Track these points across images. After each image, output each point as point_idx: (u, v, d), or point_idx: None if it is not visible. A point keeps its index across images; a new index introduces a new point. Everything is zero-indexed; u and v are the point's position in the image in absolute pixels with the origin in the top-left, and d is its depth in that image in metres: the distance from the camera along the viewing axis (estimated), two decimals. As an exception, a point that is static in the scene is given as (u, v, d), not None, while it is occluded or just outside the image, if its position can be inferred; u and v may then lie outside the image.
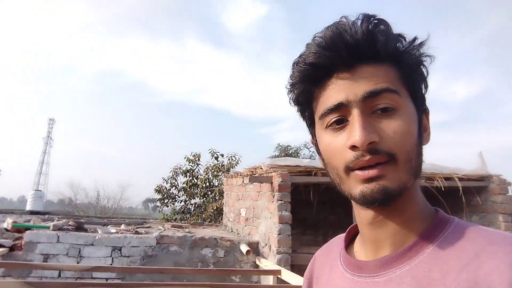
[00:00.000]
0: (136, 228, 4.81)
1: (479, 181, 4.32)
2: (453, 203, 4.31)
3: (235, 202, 5.29)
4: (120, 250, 3.85)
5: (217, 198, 10.20)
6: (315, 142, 0.65)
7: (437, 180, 4.10)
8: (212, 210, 9.58)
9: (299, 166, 3.90)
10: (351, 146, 0.54)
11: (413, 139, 0.55)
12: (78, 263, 3.71)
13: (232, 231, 5.28)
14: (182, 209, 10.64)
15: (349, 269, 0.62)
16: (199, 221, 9.12)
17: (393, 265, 0.56)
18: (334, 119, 0.57)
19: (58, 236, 3.75)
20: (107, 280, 3.73)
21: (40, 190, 17.15)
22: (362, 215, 0.60)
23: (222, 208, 9.51)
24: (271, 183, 3.92)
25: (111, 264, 3.80)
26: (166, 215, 10.65)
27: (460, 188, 4.12)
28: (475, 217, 4.45)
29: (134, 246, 3.89)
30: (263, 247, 4.07)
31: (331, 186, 3.77)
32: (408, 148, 0.54)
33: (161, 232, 4.15)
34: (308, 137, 0.69)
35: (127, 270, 3.37)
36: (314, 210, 4.81)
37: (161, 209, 10.96)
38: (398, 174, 0.54)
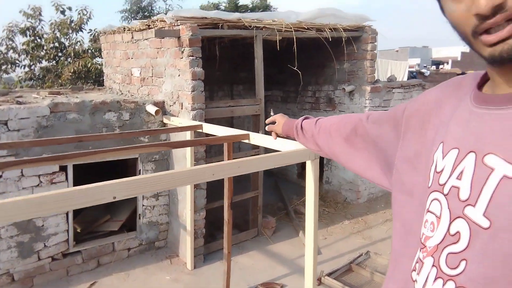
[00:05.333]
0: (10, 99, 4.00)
1: (355, 31, 4.89)
2: (335, 52, 4.87)
3: (123, 61, 4.78)
4: (6, 124, 3.25)
5: (72, 60, 8.93)
6: (441, 10, 0.63)
7: (326, 31, 4.48)
8: (70, 73, 8.45)
9: (205, 18, 3.65)
10: (475, 14, 0.53)
11: None
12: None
13: (122, 93, 4.91)
14: (29, 76, 9.04)
15: (475, 102, 0.63)
16: (65, 86, 8.05)
17: None
18: None
19: None
20: (-1, 159, 3.21)
21: None
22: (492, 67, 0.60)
23: (82, 71, 8.52)
24: (179, 37, 3.63)
25: (-4, 141, 3.23)
26: (8, 83, 8.94)
27: (344, 38, 4.63)
28: (347, 64, 5.18)
29: (23, 118, 3.32)
30: (171, 105, 3.99)
31: (236, 39, 3.80)
32: None
33: (53, 99, 3.58)
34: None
35: (23, 145, 2.94)
36: (217, 65, 4.79)
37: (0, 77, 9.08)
38: None
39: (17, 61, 9.11)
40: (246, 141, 2.81)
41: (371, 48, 4.93)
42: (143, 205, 4.22)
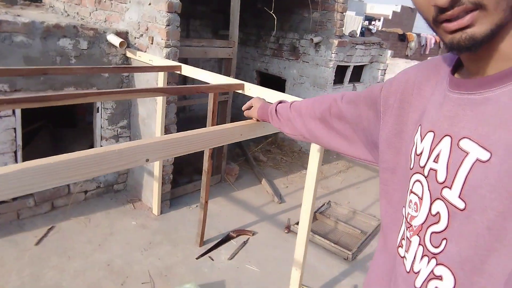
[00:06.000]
0: None
1: (329, -20, 4.73)
2: None
3: (70, -24, 4.04)
4: None
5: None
6: None
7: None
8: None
9: None
10: (434, 5, 0.55)
11: None
12: None
13: (68, 15, 4.20)
14: None
15: (449, 87, 0.64)
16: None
17: (493, 85, 0.56)
18: None
19: None
20: None
21: None
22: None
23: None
24: (153, -41, 3.14)
25: None
26: None
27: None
28: (316, 14, 5.06)
29: (-42, 36, 2.69)
30: (137, 38, 3.55)
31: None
32: None
33: (-5, 15, 2.91)
34: None
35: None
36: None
37: None
38: (490, 18, 0.52)
39: None
40: (240, 91, 2.64)
41: (343, 0, 4.85)
42: (101, 147, 3.87)
